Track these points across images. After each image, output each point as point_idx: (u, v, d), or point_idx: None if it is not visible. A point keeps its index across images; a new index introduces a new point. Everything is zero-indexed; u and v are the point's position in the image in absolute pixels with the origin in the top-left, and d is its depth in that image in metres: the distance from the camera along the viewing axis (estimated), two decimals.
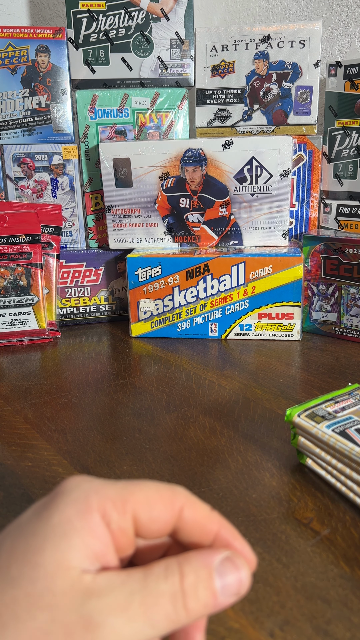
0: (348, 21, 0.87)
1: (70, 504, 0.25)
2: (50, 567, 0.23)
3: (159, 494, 0.26)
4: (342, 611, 0.33)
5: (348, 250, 0.74)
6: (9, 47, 0.80)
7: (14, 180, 0.85)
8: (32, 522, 0.25)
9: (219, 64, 0.83)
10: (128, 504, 0.25)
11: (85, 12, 0.80)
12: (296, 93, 0.83)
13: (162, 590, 0.23)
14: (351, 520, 0.41)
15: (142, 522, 0.26)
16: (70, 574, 0.23)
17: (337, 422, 0.44)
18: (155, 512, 0.26)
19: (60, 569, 0.23)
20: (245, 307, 0.78)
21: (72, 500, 0.25)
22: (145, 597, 0.23)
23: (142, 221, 0.84)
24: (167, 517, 0.26)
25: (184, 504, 0.26)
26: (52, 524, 0.24)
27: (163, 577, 0.24)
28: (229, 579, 0.25)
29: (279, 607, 0.33)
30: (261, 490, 0.44)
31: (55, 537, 0.24)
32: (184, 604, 0.23)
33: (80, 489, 0.26)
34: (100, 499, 0.25)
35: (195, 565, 0.24)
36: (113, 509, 0.25)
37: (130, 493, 0.26)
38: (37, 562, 0.23)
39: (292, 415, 0.46)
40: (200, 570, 0.24)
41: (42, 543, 0.24)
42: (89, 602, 0.23)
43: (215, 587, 0.24)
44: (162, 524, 0.26)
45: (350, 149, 0.81)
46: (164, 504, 0.26)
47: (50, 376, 0.68)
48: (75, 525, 0.24)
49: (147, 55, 0.83)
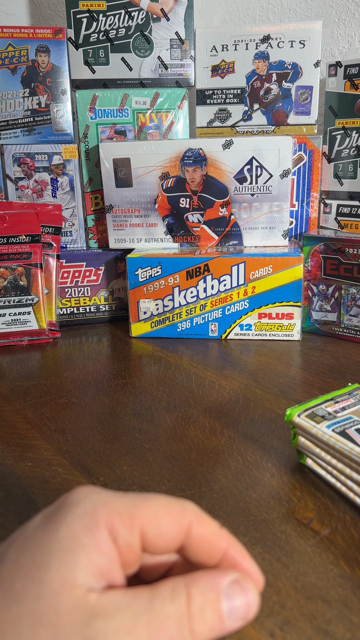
0: (348, 21, 0.87)
1: (77, 517, 0.24)
2: (55, 584, 0.23)
3: (167, 509, 0.26)
4: (342, 611, 0.33)
5: (348, 250, 0.74)
6: (9, 47, 0.80)
7: (14, 180, 0.85)
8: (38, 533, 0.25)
9: (219, 64, 0.83)
10: (136, 519, 0.25)
11: (85, 12, 0.80)
12: (296, 93, 0.83)
13: (168, 613, 0.23)
14: (351, 520, 0.41)
15: (149, 538, 0.25)
16: (75, 592, 0.23)
17: (337, 422, 0.44)
18: (163, 528, 0.25)
19: (66, 586, 0.23)
20: (245, 307, 0.78)
21: (79, 514, 0.25)
22: (151, 620, 0.22)
23: (142, 221, 0.84)
24: (175, 534, 0.26)
25: (192, 521, 0.26)
26: (58, 538, 0.24)
27: (170, 599, 0.23)
28: (237, 602, 0.24)
29: (279, 607, 0.33)
30: (261, 490, 0.44)
31: (61, 552, 0.23)
32: (190, 627, 0.23)
33: (88, 501, 0.25)
34: (108, 514, 0.25)
35: (203, 588, 0.24)
36: (120, 524, 0.24)
37: (139, 508, 0.25)
38: (42, 578, 0.23)
39: (292, 415, 0.46)
40: (207, 593, 0.24)
41: (47, 558, 0.23)
42: (93, 623, 0.22)
43: (222, 611, 0.24)
44: (169, 540, 0.25)
45: (350, 149, 0.81)
46: (172, 520, 0.26)
47: (50, 376, 0.68)
48: (81, 540, 0.24)
49: (147, 55, 0.83)
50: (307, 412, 0.46)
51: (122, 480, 0.46)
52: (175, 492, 0.44)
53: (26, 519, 0.41)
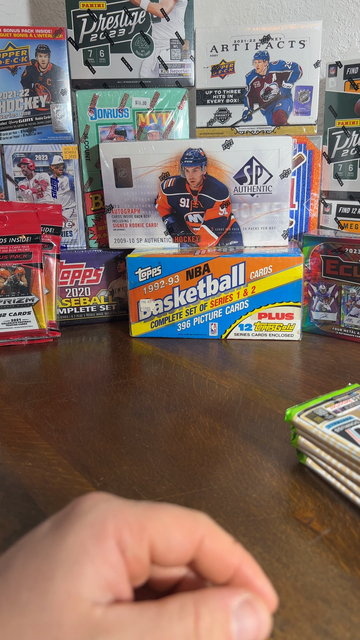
0: (348, 21, 0.87)
1: (86, 526, 0.24)
2: (60, 597, 0.22)
3: (179, 521, 0.25)
4: (342, 611, 0.33)
5: (348, 250, 0.74)
6: (9, 47, 0.80)
7: (14, 180, 0.85)
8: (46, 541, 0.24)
9: (219, 64, 0.83)
10: (145, 531, 0.24)
11: (86, 12, 0.80)
12: (296, 93, 0.83)
13: (175, 632, 0.22)
14: (351, 520, 0.41)
15: (159, 551, 0.24)
16: (80, 606, 0.22)
17: (337, 422, 0.44)
18: (174, 541, 0.24)
19: (70, 600, 0.22)
20: (245, 307, 0.78)
21: (88, 523, 0.24)
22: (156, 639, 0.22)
23: (142, 221, 0.84)
24: (186, 547, 0.25)
25: (205, 535, 0.25)
26: (65, 547, 0.23)
27: (177, 617, 0.22)
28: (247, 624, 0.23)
29: (279, 607, 0.33)
30: (261, 490, 0.44)
31: (68, 563, 0.23)
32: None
33: (98, 510, 0.25)
34: (117, 524, 0.24)
35: (213, 607, 0.23)
36: (130, 536, 0.24)
37: (149, 519, 0.24)
38: (47, 590, 0.22)
39: (292, 415, 0.46)
40: (217, 613, 0.23)
41: (53, 568, 0.23)
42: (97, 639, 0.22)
43: (231, 632, 0.23)
44: (180, 553, 0.25)
45: (350, 149, 0.81)
46: (184, 533, 0.25)
47: (50, 376, 0.68)
48: (89, 551, 0.23)
49: (147, 56, 0.83)
50: (307, 412, 0.46)
51: (122, 480, 0.46)
52: (175, 491, 0.45)
53: (26, 519, 0.42)
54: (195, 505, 0.43)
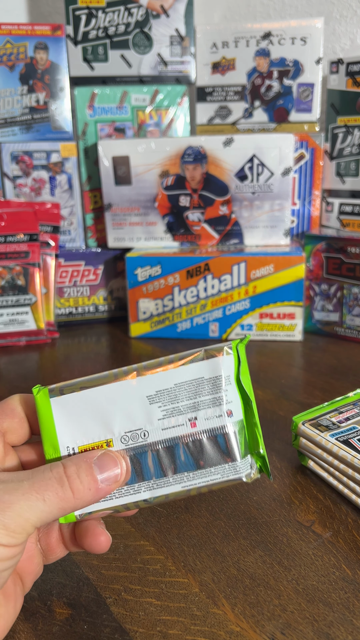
0: (350, 18, 0.86)
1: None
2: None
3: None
4: (343, 614, 0.32)
5: (350, 250, 0.73)
6: (7, 44, 0.80)
7: (11, 178, 0.84)
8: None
9: (220, 61, 0.83)
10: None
11: (84, 8, 0.80)
12: (297, 90, 0.82)
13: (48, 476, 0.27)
14: (353, 522, 0.40)
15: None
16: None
17: (341, 432, 0.44)
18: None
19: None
20: (246, 307, 0.77)
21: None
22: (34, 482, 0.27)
23: (142, 220, 0.83)
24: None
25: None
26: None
27: (48, 469, 0.28)
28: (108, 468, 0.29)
29: (280, 611, 0.32)
30: (262, 492, 0.44)
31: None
32: (69, 485, 0.27)
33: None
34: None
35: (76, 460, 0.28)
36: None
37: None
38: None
39: (297, 424, 0.46)
40: (80, 463, 0.28)
41: None
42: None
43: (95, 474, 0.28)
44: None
45: (352, 146, 0.80)
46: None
47: (48, 377, 0.68)
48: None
49: (146, 52, 0.82)
50: (311, 421, 0.46)
51: None
52: None
53: None
54: (195, 507, 0.42)
